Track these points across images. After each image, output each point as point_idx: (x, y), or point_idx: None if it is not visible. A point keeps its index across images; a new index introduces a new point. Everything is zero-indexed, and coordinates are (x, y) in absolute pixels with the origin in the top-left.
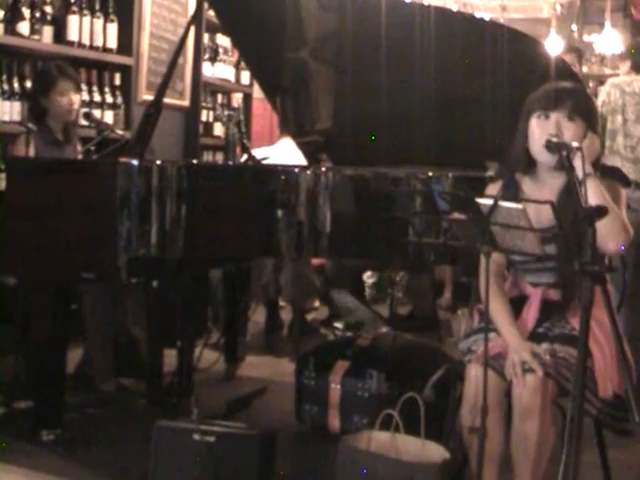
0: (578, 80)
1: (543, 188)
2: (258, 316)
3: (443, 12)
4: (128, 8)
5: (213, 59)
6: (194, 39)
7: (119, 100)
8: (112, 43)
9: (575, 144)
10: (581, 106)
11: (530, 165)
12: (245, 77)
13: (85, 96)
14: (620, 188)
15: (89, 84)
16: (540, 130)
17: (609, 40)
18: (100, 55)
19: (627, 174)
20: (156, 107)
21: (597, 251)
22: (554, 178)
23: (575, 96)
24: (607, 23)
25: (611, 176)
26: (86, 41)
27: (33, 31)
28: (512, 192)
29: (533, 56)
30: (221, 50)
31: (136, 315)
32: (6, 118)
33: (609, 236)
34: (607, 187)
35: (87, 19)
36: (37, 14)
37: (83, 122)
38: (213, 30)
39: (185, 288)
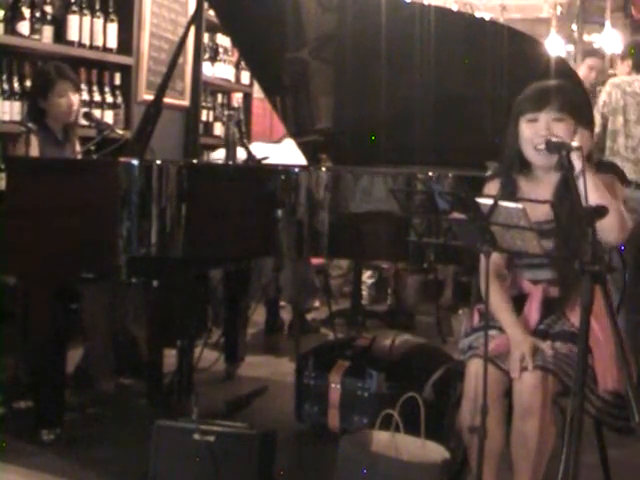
0: (577, 79)
1: (539, 186)
2: (258, 316)
3: (443, 12)
4: (128, 8)
5: (213, 59)
6: (194, 39)
7: (119, 100)
8: (112, 43)
9: (575, 143)
10: (568, 103)
11: (524, 165)
12: (245, 77)
13: (85, 96)
14: (617, 182)
15: (89, 84)
16: (530, 133)
17: (609, 40)
18: (100, 55)
19: (628, 175)
20: (156, 107)
21: (598, 248)
22: (549, 176)
23: (561, 94)
24: (607, 23)
25: (608, 171)
26: (86, 41)
27: (33, 31)
28: (510, 191)
29: (533, 56)
30: (221, 50)
31: (136, 315)
32: (6, 118)
33: (610, 230)
34: (604, 181)
35: (87, 19)
36: (37, 14)
37: (83, 122)
38: (213, 30)
39: (185, 288)
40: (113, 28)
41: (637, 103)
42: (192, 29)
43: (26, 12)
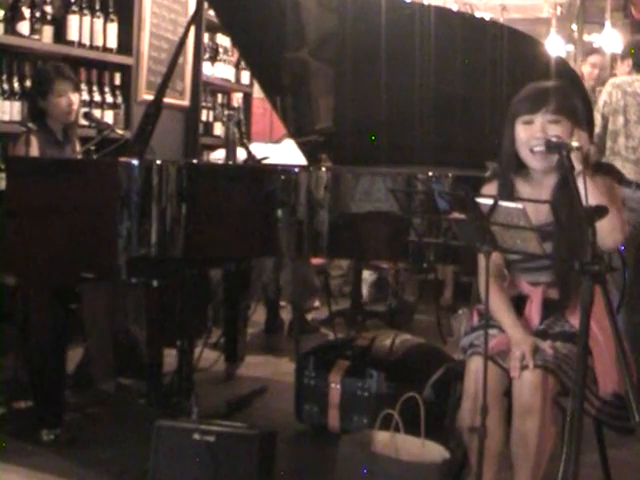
0: (578, 79)
1: (538, 188)
2: (258, 316)
3: (443, 12)
4: (128, 8)
5: (213, 59)
6: (194, 39)
7: (119, 100)
8: (112, 43)
9: (575, 144)
10: (565, 105)
11: (521, 166)
12: (245, 77)
13: (85, 96)
14: (615, 184)
15: (89, 84)
16: (526, 135)
17: (609, 40)
18: (100, 55)
19: (628, 175)
20: (156, 107)
21: (597, 250)
22: (548, 177)
23: (557, 95)
24: (607, 23)
25: (606, 173)
26: (86, 41)
27: (33, 31)
28: (508, 192)
29: (533, 56)
30: (221, 50)
31: (136, 315)
32: (6, 118)
33: (607, 234)
34: (602, 183)
35: (87, 19)
36: (37, 14)
37: (83, 122)
38: (213, 30)
39: (185, 288)
40: (113, 28)
41: (637, 103)
42: (192, 29)
43: (26, 12)
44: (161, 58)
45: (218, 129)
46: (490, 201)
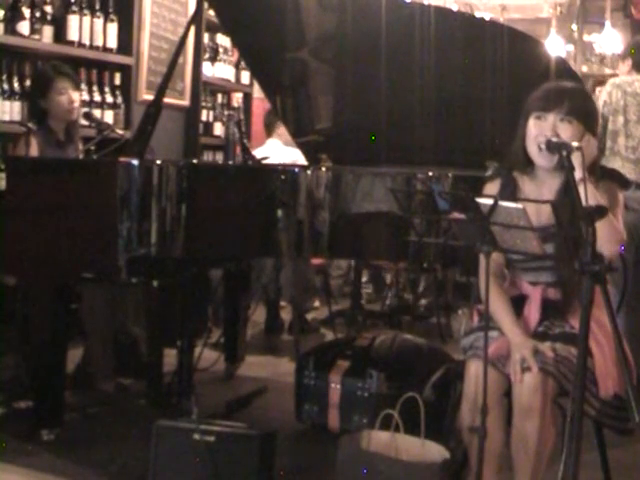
0: (578, 80)
1: (542, 187)
2: (258, 316)
3: (443, 12)
4: (128, 8)
5: (213, 59)
6: (194, 39)
7: (119, 100)
8: (112, 43)
9: (575, 144)
10: (579, 107)
11: (528, 164)
12: (245, 77)
13: (85, 96)
14: (618, 191)
15: (89, 84)
16: (536, 131)
17: (609, 40)
18: (100, 55)
19: (628, 175)
20: (156, 107)
21: (596, 250)
22: (552, 177)
23: (573, 97)
24: (607, 23)
25: (609, 178)
26: (86, 41)
27: (33, 31)
28: (510, 191)
29: (533, 56)
30: (221, 50)
31: (136, 315)
32: (6, 118)
33: (604, 241)
34: (605, 189)
35: (87, 19)
36: (37, 14)
37: (83, 122)
38: (213, 30)
39: (185, 288)
40: (113, 28)
41: (638, 103)
42: (192, 29)
43: (26, 12)
44: (161, 58)
45: (218, 129)
46: (490, 201)
